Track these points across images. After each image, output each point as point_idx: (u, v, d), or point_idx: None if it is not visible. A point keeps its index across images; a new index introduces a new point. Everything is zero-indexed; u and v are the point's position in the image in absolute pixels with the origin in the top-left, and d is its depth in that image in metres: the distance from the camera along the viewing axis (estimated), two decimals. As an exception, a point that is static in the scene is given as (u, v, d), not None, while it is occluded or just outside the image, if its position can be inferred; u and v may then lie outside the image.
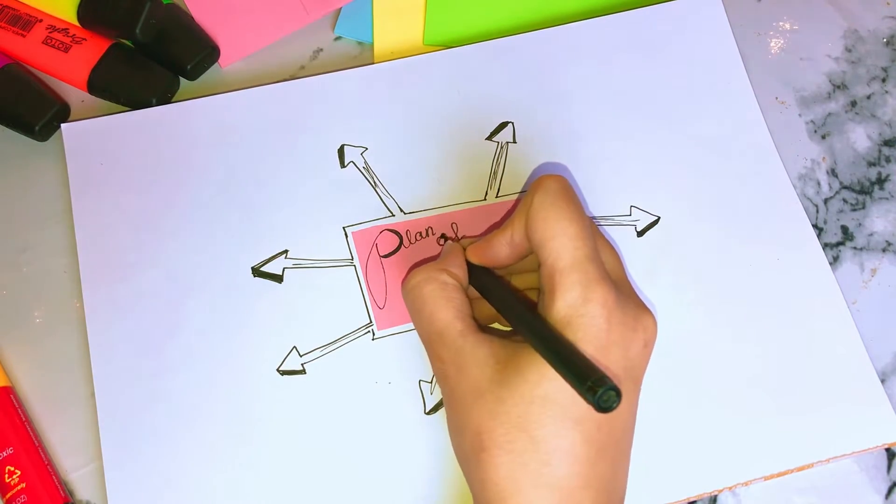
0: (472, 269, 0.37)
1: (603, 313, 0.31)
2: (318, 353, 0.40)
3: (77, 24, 0.46)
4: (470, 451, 0.32)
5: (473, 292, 0.37)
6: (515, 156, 0.44)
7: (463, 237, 0.42)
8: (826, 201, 0.46)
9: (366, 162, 0.44)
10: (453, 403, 0.34)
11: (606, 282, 0.32)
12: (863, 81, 0.48)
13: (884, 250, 0.45)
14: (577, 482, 0.31)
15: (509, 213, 0.43)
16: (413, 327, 0.41)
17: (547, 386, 0.31)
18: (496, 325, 0.40)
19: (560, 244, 0.32)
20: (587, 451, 0.31)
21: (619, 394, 0.28)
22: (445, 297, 0.35)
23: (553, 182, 0.34)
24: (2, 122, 0.45)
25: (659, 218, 0.43)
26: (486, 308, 0.38)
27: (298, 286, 0.41)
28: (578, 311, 0.31)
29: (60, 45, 0.45)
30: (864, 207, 0.46)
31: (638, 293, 0.38)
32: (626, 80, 0.46)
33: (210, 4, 0.48)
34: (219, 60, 0.47)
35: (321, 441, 0.39)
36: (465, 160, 0.44)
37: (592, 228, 0.33)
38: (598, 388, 0.28)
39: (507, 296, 0.35)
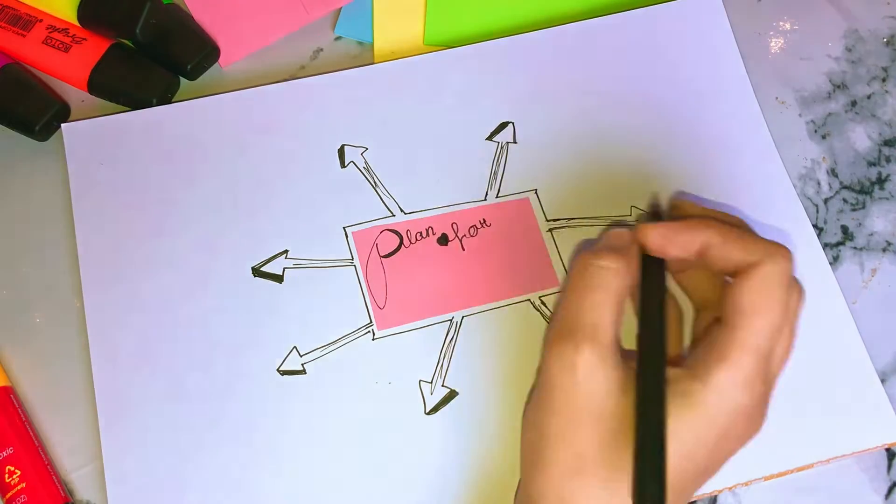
0: (643, 261, 0.34)
1: (748, 404, 0.31)
2: (318, 353, 0.40)
3: (77, 24, 0.46)
4: (565, 467, 0.31)
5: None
6: (515, 156, 0.44)
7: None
8: (826, 201, 0.46)
9: (366, 162, 0.44)
10: (560, 404, 0.32)
11: (769, 379, 0.32)
12: (863, 81, 0.48)
13: (884, 250, 0.45)
14: None
15: (509, 214, 0.43)
16: (413, 328, 0.41)
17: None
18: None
19: (761, 325, 0.31)
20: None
21: None
22: (619, 297, 0.33)
23: (788, 261, 0.32)
24: (2, 122, 0.45)
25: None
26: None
27: (298, 286, 0.41)
28: (733, 395, 0.31)
29: (60, 45, 0.45)
30: (864, 207, 0.46)
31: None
32: (625, 80, 0.46)
33: (210, 4, 0.48)
34: (219, 60, 0.47)
35: (321, 441, 0.39)
36: (465, 160, 0.44)
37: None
38: (646, 501, 0.28)
39: (657, 325, 0.33)
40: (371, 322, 0.41)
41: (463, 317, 0.41)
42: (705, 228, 0.33)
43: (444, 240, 0.43)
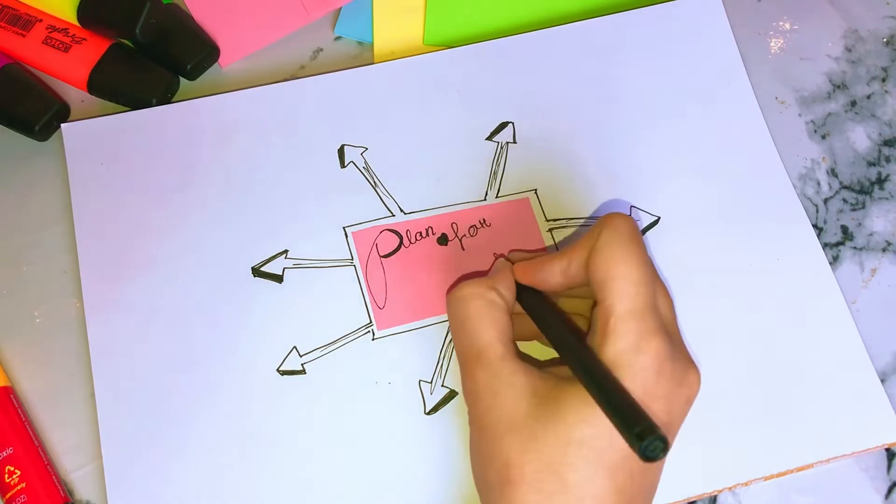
0: (520, 287, 0.36)
1: (654, 366, 0.31)
2: (318, 353, 0.40)
3: (77, 24, 0.46)
4: (495, 482, 0.32)
5: (516, 307, 0.37)
6: (515, 156, 0.44)
7: (513, 251, 0.42)
8: (826, 201, 0.46)
9: (366, 162, 0.44)
10: (481, 429, 0.33)
11: (662, 334, 0.31)
12: (863, 81, 0.48)
13: (884, 250, 0.45)
14: None
15: (509, 214, 0.43)
16: (413, 327, 0.41)
17: (585, 430, 0.30)
18: (534, 344, 0.39)
19: (622, 287, 0.31)
20: (617, 500, 0.30)
21: (666, 444, 0.27)
22: (491, 316, 0.34)
23: (622, 222, 0.33)
24: (2, 122, 0.45)
25: (659, 218, 0.43)
26: (527, 325, 0.37)
27: (298, 286, 0.41)
28: (629, 359, 0.30)
29: (60, 45, 0.45)
30: (864, 207, 0.46)
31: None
32: (626, 80, 0.46)
33: (210, 4, 0.48)
34: (219, 60, 0.47)
35: (321, 441, 0.39)
36: (465, 160, 0.44)
37: (654, 275, 0.33)
38: (646, 436, 0.27)
39: (558, 325, 0.34)
40: (371, 322, 0.41)
41: (463, 317, 0.41)
42: (552, 260, 0.35)
43: (444, 240, 0.43)
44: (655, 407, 0.31)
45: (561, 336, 0.33)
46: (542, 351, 0.39)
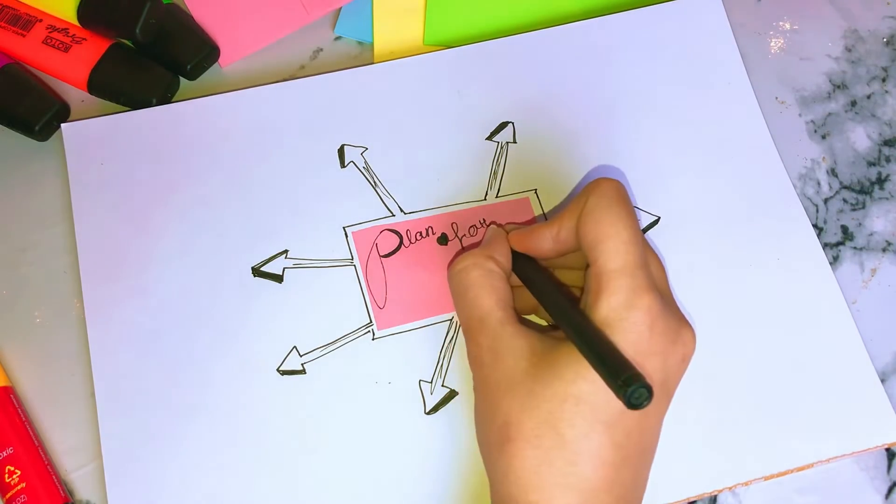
0: (516, 257, 0.37)
1: (646, 321, 0.31)
2: (318, 353, 0.40)
3: (77, 23, 0.46)
4: (495, 441, 0.32)
5: (515, 281, 0.37)
6: (515, 156, 0.44)
7: (507, 223, 0.42)
8: (826, 201, 0.46)
9: (366, 162, 0.44)
10: (484, 390, 0.34)
11: (653, 290, 0.32)
12: (863, 81, 0.48)
13: (884, 250, 0.45)
14: (600, 485, 0.31)
15: (509, 213, 0.43)
16: (413, 327, 0.41)
17: (582, 385, 0.31)
18: (535, 319, 0.40)
19: (612, 247, 0.32)
20: (614, 455, 0.31)
21: (650, 392, 0.28)
22: (490, 285, 0.35)
23: (610, 185, 0.34)
24: (2, 122, 0.45)
25: (659, 218, 0.43)
26: (526, 298, 0.38)
27: (298, 286, 0.41)
28: (622, 314, 0.31)
29: (60, 45, 0.45)
30: (864, 207, 0.46)
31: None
32: (626, 80, 0.46)
33: (210, 4, 0.48)
34: (219, 60, 0.47)
35: (321, 441, 0.39)
36: (465, 160, 0.44)
37: (642, 236, 0.33)
38: (630, 384, 0.28)
39: (549, 288, 0.35)
40: (371, 322, 0.41)
41: (463, 317, 0.41)
42: (542, 228, 0.36)
43: (444, 240, 0.43)
44: (650, 363, 0.31)
45: (552, 298, 0.34)
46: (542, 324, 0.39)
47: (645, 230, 0.43)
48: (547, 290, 0.35)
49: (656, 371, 0.31)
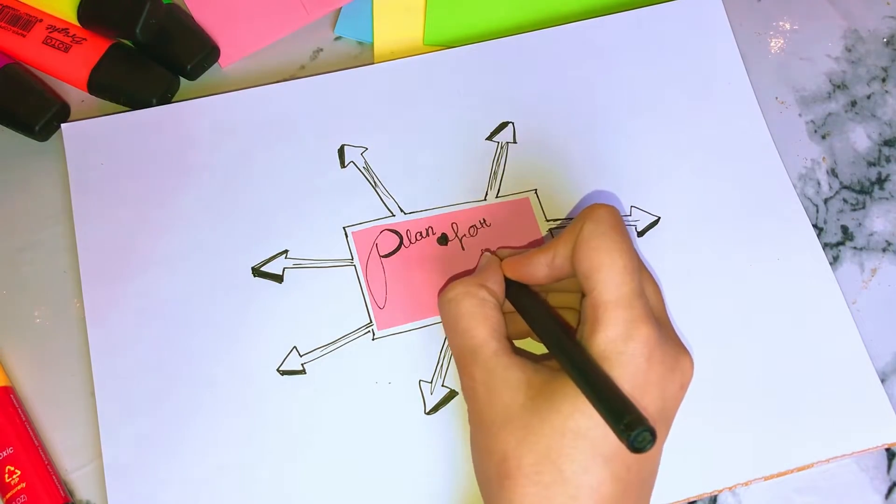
0: (509, 284, 0.37)
1: (644, 352, 0.31)
2: (318, 353, 0.40)
3: (77, 24, 0.46)
4: (494, 476, 0.32)
5: (508, 306, 0.37)
6: (515, 156, 0.44)
7: (500, 248, 0.42)
8: (826, 201, 0.46)
9: (366, 162, 0.44)
10: (479, 424, 0.33)
11: (650, 321, 0.31)
12: (863, 81, 0.48)
13: (884, 250, 0.45)
14: None
15: (509, 213, 0.43)
16: (413, 327, 0.41)
17: (580, 420, 0.30)
18: (528, 340, 0.40)
19: (608, 276, 0.31)
20: (614, 488, 0.30)
21: (654, 435, 0.27)
22: (482, 315, 0.34)
23: (605, 212, 0.33)
24: (2, 122, 0.45)
25: (659, 218, 0.43)
26: (519, 322, 0.37)
27: (298, 286, 0.41)
28: (619, 347, 0.31)
29: (60, 45, 0.45)
30: (864, 207, 0.46)
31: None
32: (626, 80, 0.46)
33: (210, 4, 0.48)
34: (219, 60, 0.47)
35: (321, 441, 0.39)
36: (465, 160, 0.44)
37: (639, 263, 0.33)
38: (634, 427, 0.27)
39: (545, 318, 0.34)
40: (371, 322, 0.41)
41: (463, 317, 0.41)
42: (537, 254, 0.35)
43: (444, 240, 0.43)
44: (649, 394, 0.31)
45: (548, 329, 0.34)
46: (536, 348, 0.39)
47: (645, 230, 0.43)
48: (542, 321, 0.34)
49: (654, 401, 0.31)
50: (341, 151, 0.44)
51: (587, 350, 0.31)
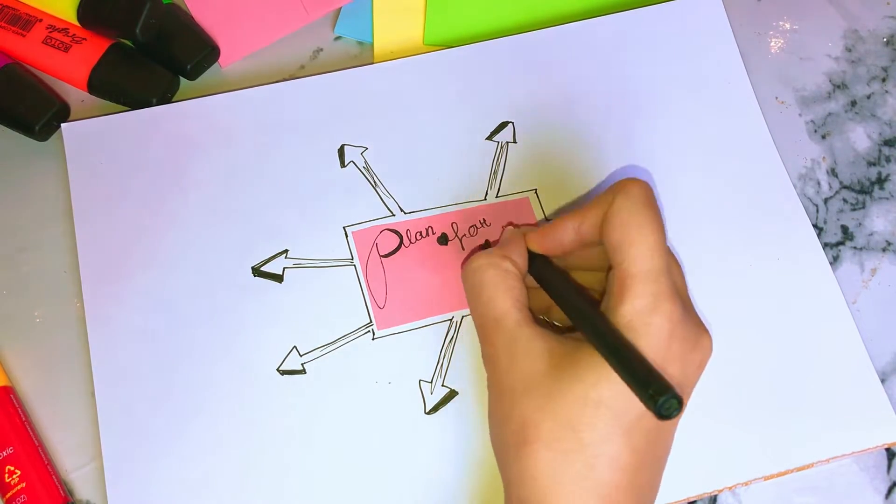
0: (532, 258, 0.37)
1: (668, 327, 0.31)
2: (318, 352, 0.40)
3: (77, 23, 0.46)
4: (511, 443, 0.32)
5: (530, 281, 0.37)
6: (515, 156, 0.44)
7: (521, 226, 0.42)
8: (826, 201, 0.46)
9: (366, 162, 0.44)
10: (499, 392, 0.33)
11: (675, 297, 0.32)
12: (863, 81, 0.48)
13: (884, 250, 0.45)
14: (617, 490, 0.30)
15: (509, 213, 0.43)
16: (413, 327, 0.41)
17: (603, 389, 0.30)
18: (547, 318, 0.40)
19: (638, 251, 0.32)
20: (632, 460, 0.31)
21: (681, 403, 0.28)
22: (506, 285, 0.35)
23: (638, 187, 0.33)
24: (2, 122, 0.45)
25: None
26: (540, 299, 0.37)
27: (298, 286, 0.41)
28: (644, 319, 0.31)
29: (60, 45, 0.45)
30: (864, 207, 0.46)
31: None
32: (625, 80, 0.46)
33: (210, 4, 0.48)
34: (219, 60, 0.47)
35: (321, 441, 0.39)
36: (465, 160, 0.44)
37: (666, 242, 0.33)
38: (660, 395, 0.28)
39: (569, 290, 0.35)
40: (371, 322, 0.41)
41: (463, 316, 0.41)
42: (564, 220, 0.36)
43: (444, 239, 0.43)
44: (670, 367, 0.31)
45: (572, 300, 0.34)
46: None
47: (645, 230, 0.43)
48: (566, 293, 0.35)
49: (675, 375, 0.31)
50: (341, 151, 0.44)
51: (612, 320, 0.32)
